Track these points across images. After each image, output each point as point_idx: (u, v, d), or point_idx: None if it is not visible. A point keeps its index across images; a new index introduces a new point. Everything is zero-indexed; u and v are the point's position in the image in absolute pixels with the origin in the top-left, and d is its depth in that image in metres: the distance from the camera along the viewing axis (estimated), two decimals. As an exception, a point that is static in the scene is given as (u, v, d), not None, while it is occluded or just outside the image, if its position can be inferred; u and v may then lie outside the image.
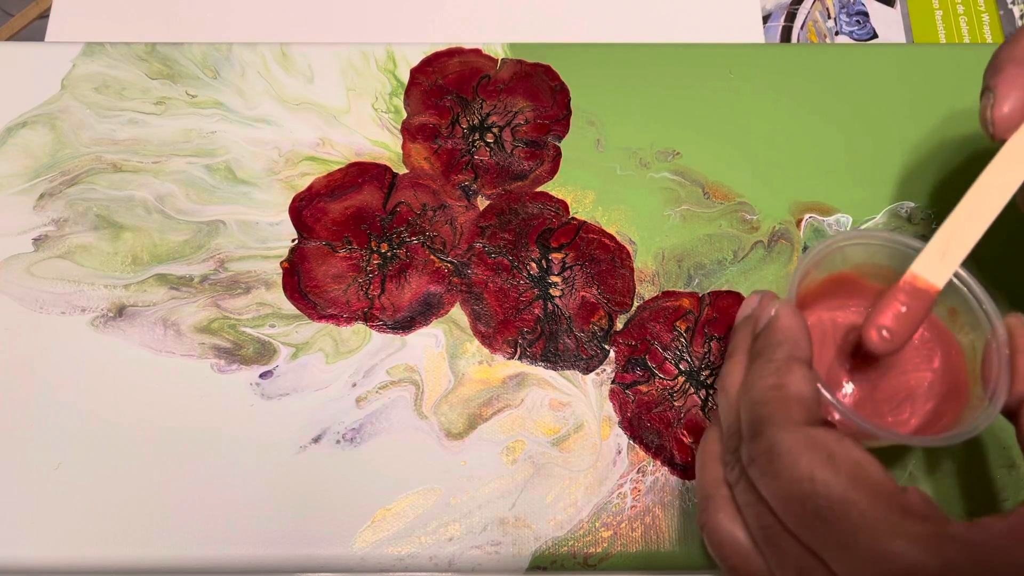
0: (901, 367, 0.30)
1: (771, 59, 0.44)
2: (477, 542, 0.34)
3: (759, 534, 0.24)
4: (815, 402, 0.25)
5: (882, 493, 0.22)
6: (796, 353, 0.26)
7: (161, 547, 0.34)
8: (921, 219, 0.41)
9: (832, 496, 0.22)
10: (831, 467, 0.23)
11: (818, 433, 0.23)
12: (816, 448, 0.23)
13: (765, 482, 0.24)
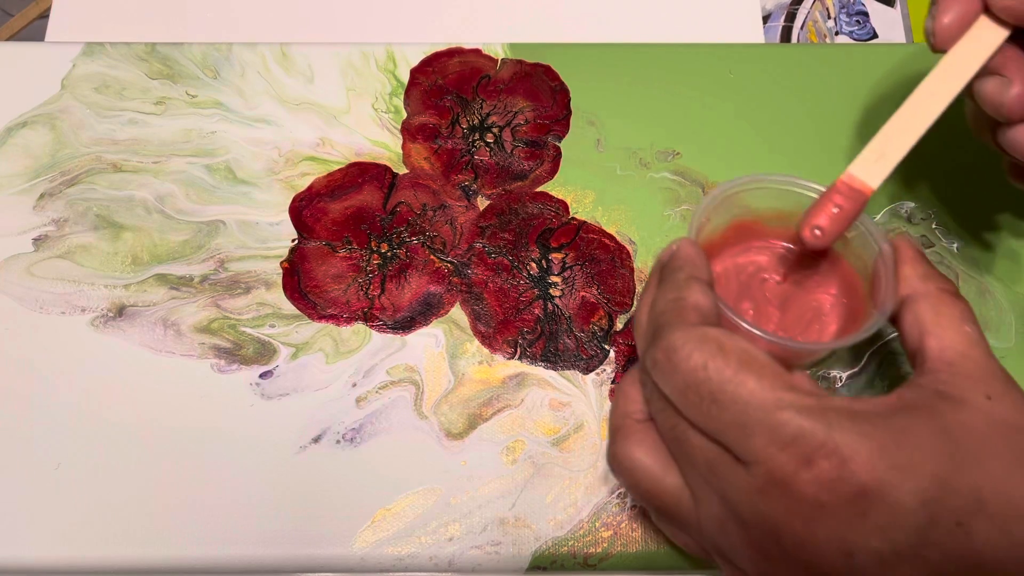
0: (804, 296, 0.32)
1: (771, 59, 0.44)
2: (477, 542, 0.34)
3: (669, 437, 0.26)
4: (711, 311, 0.27)
5: (768, 373, 0.24)
6: (694, 273, 0.28)
7: (161, 547, 0.34)
8: (921, 219, 0.41)
9: (724, 379, 0.24)
10: (722, 355, 0.24)
11: (710, 330, 0.25)
12: (708, 341, 0.25)
13: (665, 380, 0.25)
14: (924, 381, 0.26)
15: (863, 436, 0.23)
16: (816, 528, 0.23)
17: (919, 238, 0.40)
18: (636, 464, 0.27)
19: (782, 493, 0.23)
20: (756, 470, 0.23)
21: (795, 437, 0.23)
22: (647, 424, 0.27)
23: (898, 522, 0.22)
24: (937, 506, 0.22)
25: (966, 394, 0.25)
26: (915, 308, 0.27)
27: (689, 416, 0.25)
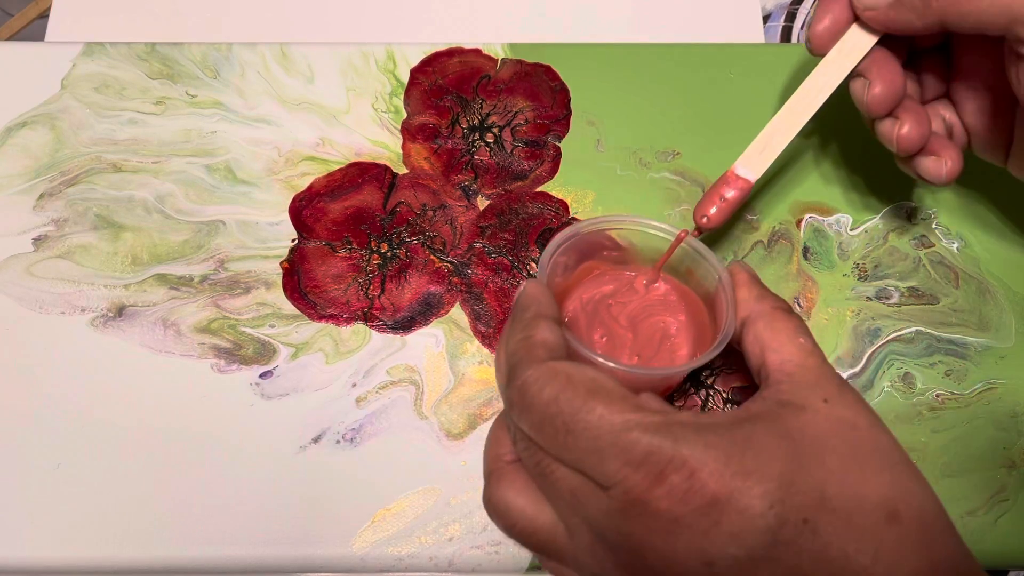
0: (654, 321, 0.34)
1: (771, 59, 0.44)
2: (477, 542, 0.34)
3: (535, 472, 0.26)
4: (559, 346, 0.28)
5: (616, 398, 0.25)
6: (540, 311, 0.28)
7: (161, 547, 0.34)
8: (921, 219, 0.41)
9: (575, 409, 0.25)
10: (571, 387, 0.25)
11: (557, 364, 0.26)
12: (557, 374, 0.26)
13: (523, 417, 0.26)
14: (767, 393, 0.27)
15: (709, 447, 0.24)
16: (675, 542, 0.23)
17: (919, 238, 0.40)
18: (510, 505, 0.27)
19: (640, 512, 0.23)
20: (615, 492, 0.24)
21: (645, 455, 0.24)
22: (516, 465, 0.28)
23: (749, 526, 0.23)
24: (784, 506, 0.23)
25: (806, 400, 0.26)
26: (754, 328, 0.29)
27: (549, 449, 0.25)
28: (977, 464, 0.36)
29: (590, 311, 0.34)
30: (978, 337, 0.38)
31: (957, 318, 0.38)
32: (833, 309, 0.39)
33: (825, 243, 0.40)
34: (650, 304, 0.34)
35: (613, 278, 0.35)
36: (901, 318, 0.38)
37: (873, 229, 0.40)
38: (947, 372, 0.37)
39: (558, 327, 0.28)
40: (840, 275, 0.39)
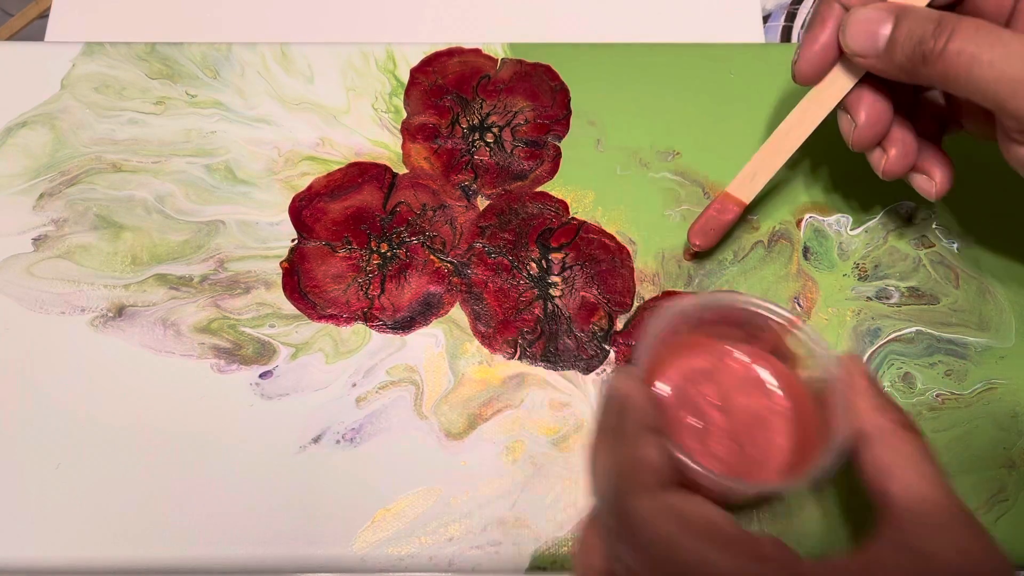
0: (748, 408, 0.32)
1: (771, 59, 0.44)
2: (477, 542, 0.34)
3: None
4: (666, 467, 0.26)
5: (735, 545, 0.23)
6: (644, 422, 0.27)
7: (161, 547, 0.34)
8: (921, 219, 0.41)
9: (691, 556, 0.23)
10: (686, 528, 0.24)
11: (669, 497, 0.24)
12: (669, 512, 0.24)
13: (630, 551, 0.24)
14: (892, 534, 0.25)
15: None
16: None
17: (919, 238, 0.40)
18: None
19: None
20: None
21: None
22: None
23: None
24: None
25: (937, 547, 0.24)
26: (872, 447, 0.27)
27: None
28: (977, 464, 0.36)
29: (680, 387, 0.32)
30: (978, 337, 0.38)
31: (957, 318, 0.38)
32: (833, 309, 0.39)
33: (825, 243, 0.40)
34: (747, 385, 0.32)
35: (709, 354, 0.33)
36: (901, 318, 0.38)
37: (873, 229, 0.40)
38: (947, 372, 0.37)
39: (662, 442, 0.26)
40: (840, 275, 0.39)
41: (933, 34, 0.29)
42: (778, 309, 0.31)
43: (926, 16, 0.30)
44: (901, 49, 0.30)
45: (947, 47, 0.29)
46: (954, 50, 0.29)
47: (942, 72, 0.30)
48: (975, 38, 0.29)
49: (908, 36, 0.30)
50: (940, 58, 0.29)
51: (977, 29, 0.29)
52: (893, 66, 0.31)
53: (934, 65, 0.30)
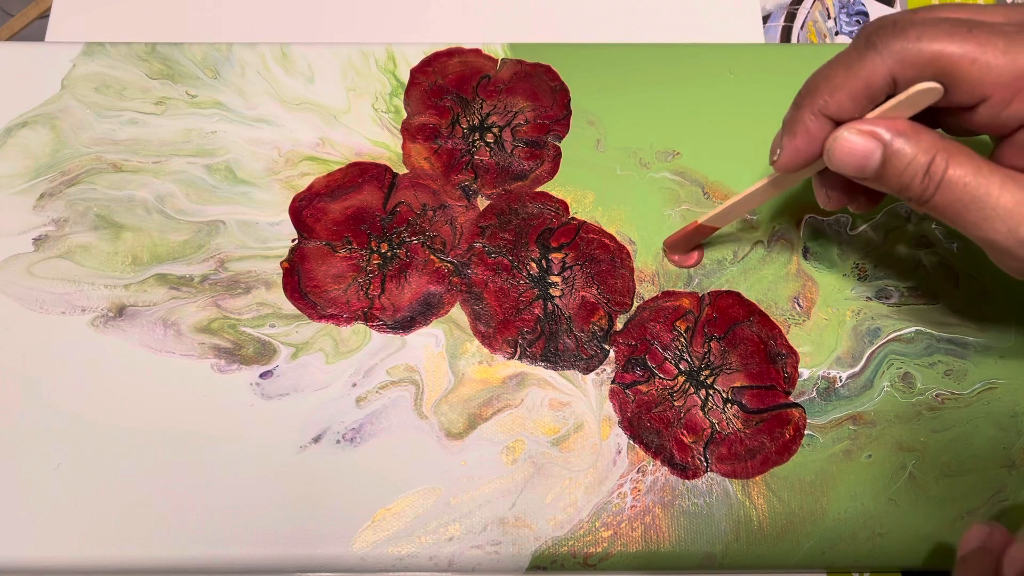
0: None
1: (771, 59, 0.44)
2: (477, 542, 0.34)
3: None
4: None
5: None
6: None
7: (161, 547, 0.34)
8: (921, 219, 0.41)
9: None
10: None
11: None
12: None
13: None
14: None
15: None
16: None
17: (919, 238, 0.40)
18: None
19: None
20: None
21: None
22: None
23: None
24: None
25: None
26: None
27: None
28: (977, 464, 0.36)
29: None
30: (978, 337, 0.38)
31: (957, 318, 0.39)
32: (833, 309, 0.39)
33: (825, 243, 0.40)
34: None
35: None
36: (901, 318, 0.38)
37: (873, 229, 0.40)
38: (947, 372, 0.37)
39: None
40: (840, 275, 0.39)
41: (922, 180, 0.29)
42: None
43: (917, 151, 0.29)
44: (888, 185, 0.30)
45: (935, 197, 0.29)
46: (941, 202, 0.29)
47: (931, 212, 0.29)
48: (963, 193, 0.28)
49: (896, 175, 0.29)
50: (928, 203, 0.29)
51: (967, 184, 0.28)
52: (880, 189, 0.31)
53: (921, 206, 0.29)
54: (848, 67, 0.29)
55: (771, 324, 0.38)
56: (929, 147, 0.28)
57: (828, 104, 0.29)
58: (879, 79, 0.28)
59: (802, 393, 0.37)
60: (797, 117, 0.31)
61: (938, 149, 0.28)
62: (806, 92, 0.30)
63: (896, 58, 0.28)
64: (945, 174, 0.28)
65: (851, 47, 0.29)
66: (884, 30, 0.28)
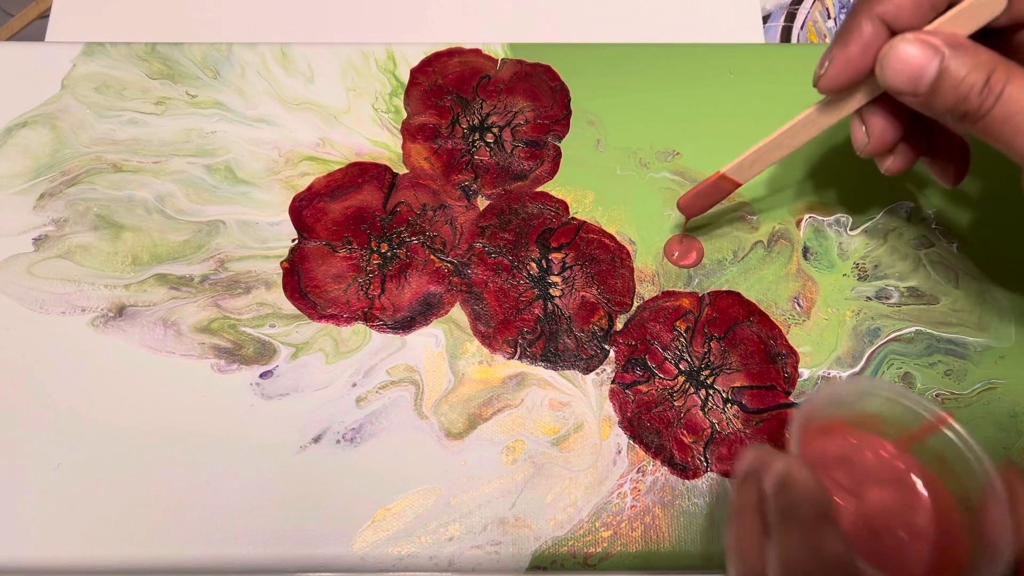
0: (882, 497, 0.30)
1: (771, 59, 0.44)
2: (477, 542, 0.34)
3: None
4: (850, 561, 0.24)
5: None
6: (822, 510, 0.25)
7: (161, 547, 0.34)
8: (921, 219, 0.41)
9: None
10: None
11: None
12: None
13: None
14: None
15: None
16: None
17: (919, 238, 0.40)
18: None
19: None
20: None
21: None
22: None
23: None
24: None
25: None
26: None
27: None
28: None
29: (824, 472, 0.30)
30: (978, 337, 0.38)
31: (957, 318, 0.38)
32: (833, 309, 0.39)
33: (825, 243, 0.40)
34: (884, 477, 0.31)
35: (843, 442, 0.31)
36: (901, 318, 0.38)
37: (873, 229, 0.40)
38: (947, 372, 0.37)
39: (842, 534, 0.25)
40: (840, 275, 0.39)
41: (981, 92, 0.27)
42: (927, 404, 0.30)
43: (976, 65, 0.27)
44: (942, 100, 0.28)
45: (993, 110, 0.27)
46: (1000, 115, 0.27)
47: (982, 131, 0.28)
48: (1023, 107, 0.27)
49: (953, 87, 0.28)
50: (983, 119, 0.28)
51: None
52: (930, 111, 0.29)
53: (975, 123, 0.28)
54: None
55: (771, 324, 0.38)
56: (988, 61, 0.27)
57: (888, 8, 0.28)
58: None
59: (802, 393, 0.37)
60: (853, 24, 0.29)
61: (998, 63, 0.27)
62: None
63: None
64: (1006, 87, 0.27)
65: None
66: None
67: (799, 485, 0.26)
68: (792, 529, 0.25)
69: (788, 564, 0.24)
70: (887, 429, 0.31)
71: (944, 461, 0.30)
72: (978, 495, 0.28)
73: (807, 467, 0.26)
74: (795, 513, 0.25)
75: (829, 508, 0.25)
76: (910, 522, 0.30)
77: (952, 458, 0.29)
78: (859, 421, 0.31)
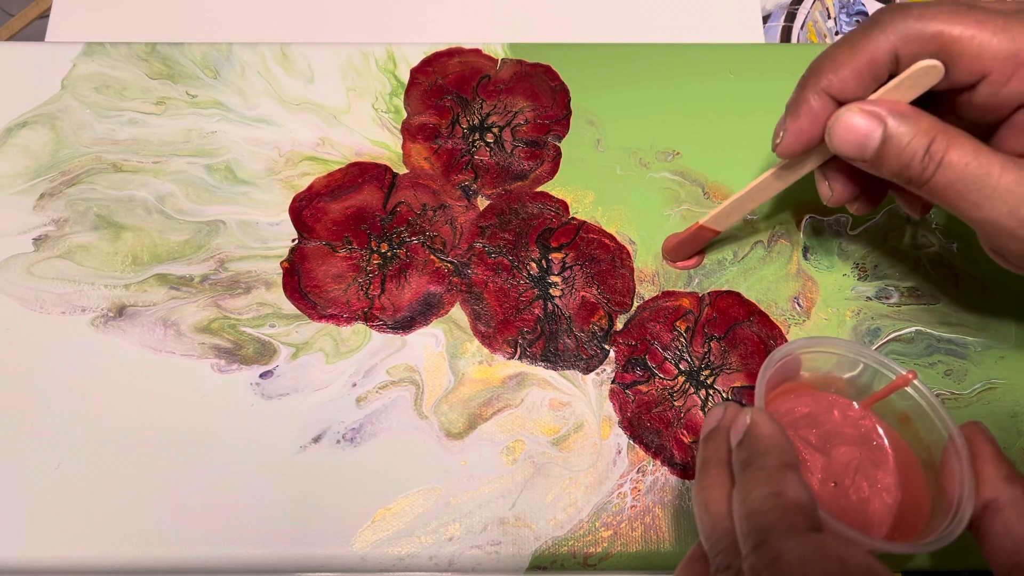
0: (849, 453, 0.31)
1: (771, 59, 0.44)
2: (477, 542, 0.34)
3: None
4: (813, 508, 0.25)
5: None
6: (785, 459, 0.26)
7: (161, 547, 0.34)
8: (921, 219, 0.41)
9: None
10: (844, 574, 0.22)
11: (826, 540, 0.23)
12: (827, 555, 0.23)
13: None
14: None
15: None
16: None
17: (919, 238, 0.40)
18: None
19: None
20: None
21: None
22: None
23: None
24: None
25: None
26: (1004, 516, 0.26)
27: None
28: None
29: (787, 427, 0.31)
30: (978, 337, 0.38)
31: (957, 318, 0.38)
32: (833, 309, 0.39)
33: (825, 243, 0.40)
34: (849, 434, 0.31)
35: (811, 401, 0.32)
36: (901, 318, 0.38)
37: (873, 229, 0.40)
38: (947, 372, 0.37)
39: (805, 481, 0.25)
40: (840, 275, 0.39)
41: (922, 160, 0.28)
42: (890, 363, 0.31)
43: (918, 132, 0.29)
44: (887, 165, 0.29)
45: (935, 177, 0.28)
46: (942, 182, 0.28)
47: (928, 194, 0.29)
48: (964, 174, 0.28)
49: (896, 154, 0.29)
50: (927, 185, 0.29)
51: (967, 164, 0.28)
52: (879, 174, 0.30)
53: (920, 188, 0.29)
54: (852, 45, 0.29)
55: (771, 324, 0.38)
56: (929, 128, 0.28)
57: (832, 82, 0.30)
58: (882, 55, 0.29)
59: (802, 393, 0.37)
60: (801, 97, 0.31)
61: (938, 131, 0.28)
62: (810, 72, 0.31)
63: (899, 34, 0.28)
64: (946, 154, 0.28)
65: (856, 28, 0.30)
66: (888, 11, 0.29)
67: (763, 436, 0.26)
68: (756, 478, 0.25)
69: (751, 512, 0.24)
70: (853, 389, 0.32)
71: (908, 419, 0.31)
72: (940, 452, 0.29)
73: (771, 418, 0.27)
74: (760, 462, 0.26)
75: (793, 457, 0.26)
76: (875, 478, 0.31)
77: (915, 416, 0.31)
78: (826, 382, 0.32)
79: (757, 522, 0.24)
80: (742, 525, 0.25)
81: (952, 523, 0.27)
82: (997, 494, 0.27)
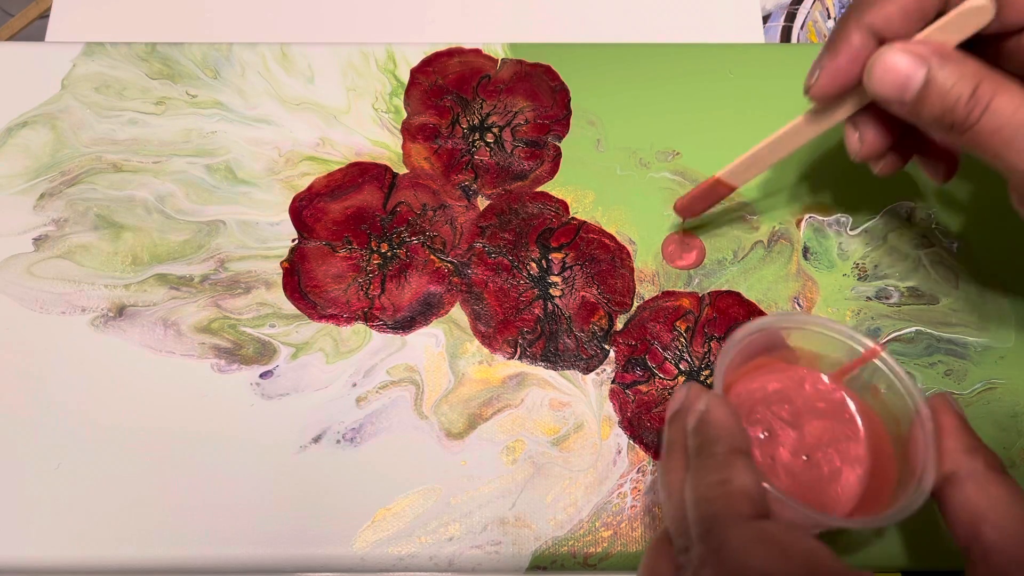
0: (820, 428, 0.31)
1: (771, 59, 0.44)
2: (477, 542, 0.34)
3: None
4: (760, 494, 0.25)
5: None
6: (735, 445, 0.26)
7: (161, 547, 0.34)
8: (921, 219, 0.41)
9: None
10: (785, 560, 0.22)
11: (767, 526, 0.23)
12: (768, 542, 0.23)
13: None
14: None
15: None
16: None
17: (919, 238, 0.40)
18: None
19: None
20: None
21: None
22: None
23: None
24: None
25: None
26: (963, 489, 0.26)
27: None
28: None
29: (749, 404, 0.31)
30: (978, 337, 0.38)
31: (957, 318, 0.38)
32: (833, 309, 0.39)
33: (825, 243, 0.40)
34: (818, 409, 0.32)
35: (782, 376, 0.32)
36: (901, 318, 0.38)
37: (873, 229, 0.40)
38: (947, 372, 0.37)
39: (754, 468, 0.25)
40: (840, 275, 0.39)
41: (967, 103, 0.27)
42: (859, 336, 0.31)
43: (963, 76, 0.27)
44: (929, 110, 0.28)
45: (980, 122, 0.27)
46: (987, 127, 0.27)
47: (970, 142, 0.28)
48: (1012, 119, 0.26)
49: (939, 98, 0.27)
50: (970, 131, 0.27)
51: (1016, 109, 0.26)
52: (918, 120, 0.29)
53: (962, 134, 0.28)
54: None
55: (771, 324, 0.38)
56: (975, 72, 0.27)
57: (876, 18, 0.28)
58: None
59: (802, 393, 0.37)
60: (842, 34, 0.29)
61: (984, 75, 0.27)
62: (854, 8, 0.29)
63: None
64: (993, 100, 0.27)
65: None
66: None
67: (715, 423, 0.26)
68: (705, 465, 0.25)
69: (699, 499, 0.24)
70: (823, 363, 0.32)
71: (877, 392, 0.31)
72: (907, 425, 0.29)
73: (726, 404, 0.27)
74: (709, 450, 0.26)
75: (744, 443, 0.26)
76: (846, 451, 0.31)
77: (885, 389, 0.31)
78: (797, 356, 0.32)
79: (704, 510, 0.24)
80: (691, 512, 0.25)
81: (912, 497, 0.27)
82: (958, 467, 0.27)
